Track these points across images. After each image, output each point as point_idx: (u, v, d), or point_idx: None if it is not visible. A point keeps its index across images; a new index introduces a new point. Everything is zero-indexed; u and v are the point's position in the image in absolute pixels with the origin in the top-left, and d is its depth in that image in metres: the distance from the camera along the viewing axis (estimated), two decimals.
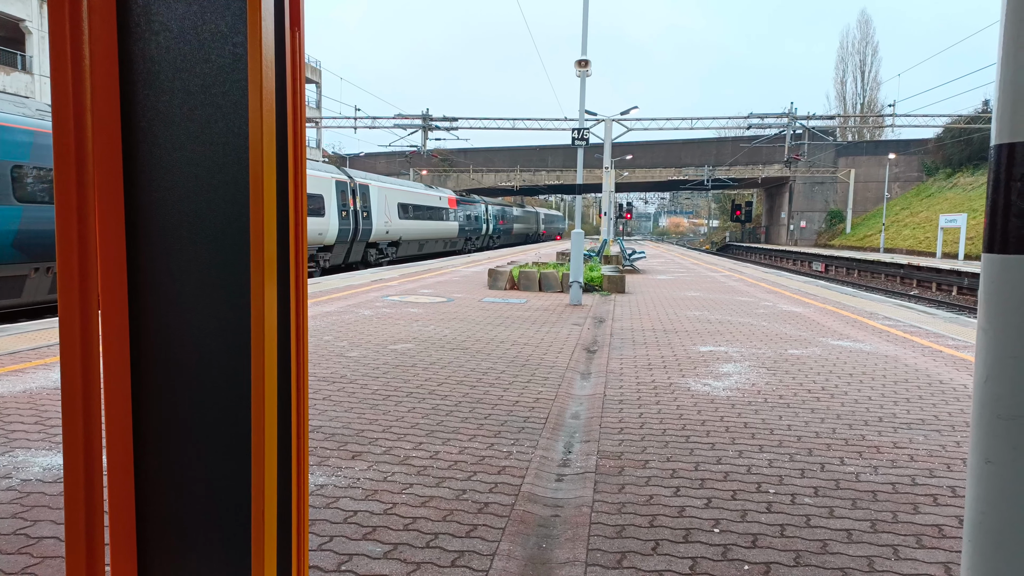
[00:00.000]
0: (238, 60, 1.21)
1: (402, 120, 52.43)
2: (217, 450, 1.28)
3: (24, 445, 3.80)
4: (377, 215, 25.46)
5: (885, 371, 6.28)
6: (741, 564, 2.65)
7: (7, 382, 5.21)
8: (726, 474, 3.60)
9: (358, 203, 23.65)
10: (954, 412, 4.92)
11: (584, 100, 12.59)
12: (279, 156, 1.25)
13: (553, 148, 62.86)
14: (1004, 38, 1.30)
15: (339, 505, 3.11)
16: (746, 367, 6.35)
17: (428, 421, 4.45)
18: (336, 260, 22.69)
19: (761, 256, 53.49)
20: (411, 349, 6.93)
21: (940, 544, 2.84)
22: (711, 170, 58.38)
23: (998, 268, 1.33)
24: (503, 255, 29.29)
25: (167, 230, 1.26)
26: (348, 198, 22.93)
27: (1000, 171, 1.32)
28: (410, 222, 29.09)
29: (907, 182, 53.06)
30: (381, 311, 9.86)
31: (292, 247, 1.30)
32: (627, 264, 21.59)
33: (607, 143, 29.21)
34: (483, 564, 2.61)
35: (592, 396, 5.30)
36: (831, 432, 4.36)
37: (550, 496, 3.34)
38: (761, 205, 69.46)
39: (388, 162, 62.62)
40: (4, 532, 2.77)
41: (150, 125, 1.25)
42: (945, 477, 3.62)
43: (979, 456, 1.36)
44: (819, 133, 55.90)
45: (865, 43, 67.56)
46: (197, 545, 1.30)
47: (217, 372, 1.27)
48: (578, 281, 11.66)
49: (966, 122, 46.78)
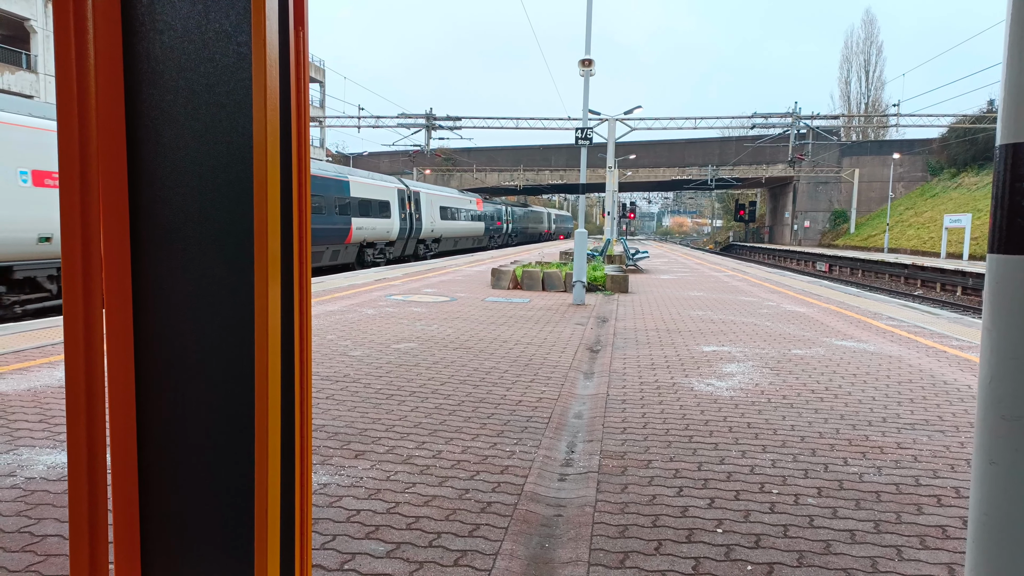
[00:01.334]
0: (242, 59, 1.21)
1: (406, 119, 52.50)
2: (221, 448, 1.28)
3: (28, 443, 3.81)
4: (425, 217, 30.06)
5: (889, 371, 6.26)
6: (744, 564, 2.64)
7: (12, 380, 5.23)
8: (729, 474, 3.60)
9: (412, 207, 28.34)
10: (958, 413, 4.90)
11: (588, 99, 12.57)
12: (283, 155, 1.25)
13: (556, 147, 62.84)
14: (1009, 39, 1.30)
15: (342, 504, 3.12)
16: (749, 367, 6.34)
17: (431, 420, 4.45)
18: (396, 253, 27.01)
19: (765, 256, 53.40)
20: (414, 348, 6.93)
21: (944, 545, 2.84)
22: (715, 170, 58.29)
23: (1003, 268, 1.33)
24: (505, 254, 29.34)
25: (171, 229, 1.26)
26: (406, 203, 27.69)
27: (1005, 171, 1.31)
28: (448, 222, 33.91)
29: (911, 182, 52.92)
30: (384, 310, 9.87)
31: (296, 246, 1.30)
32: (630, 264, 21.57)
33: (610, 142, 29.18)
34: (486, 564, 2.61)
35: (595, 396, 5.30)
36: (835, 432, 4.35)
37: (553, 496, 3.34)
38: (765, 205, 69.34)
39: (391, 161, 62.65)
40: (8, 530, 2.77)
41: (154, 124, 1.25)
42: (949, 478, 3.61)
43: (983, 457, 1.36)
44: (823, 133, 55.80)
45: (869, 43, 67.40)
46: (201, 543, 1.30)
47: (221, 371, 1.27)
48: (581, 280, 11.65)
49: (971, 122, 46.64)
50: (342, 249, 22.13)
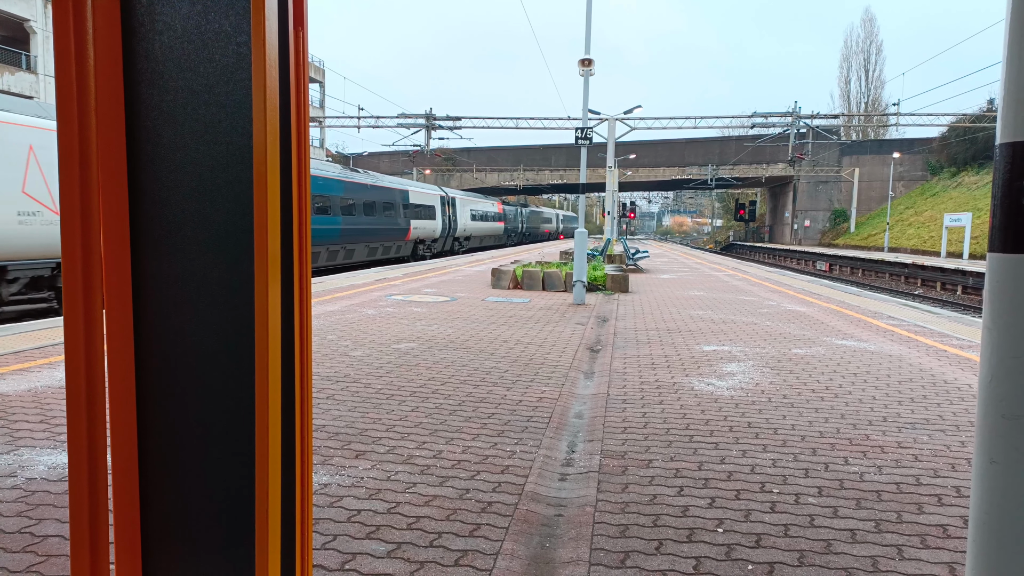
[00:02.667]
0: (242, 60, 1.21)
1: (405, 119, 52.47)
2: (221, 449, 1.28)
3: (29, 444, 3.81)
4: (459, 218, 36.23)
5: (889, 371, 6.26)
6: (745, 564, 2.64)
7: (12, 381, 5.23)
8: (730, 474, 3.60)
9: (449, 210, 34.59)
10: (959, 412, 4.90)
11: (587, 99, 12.56)
12: (283, 155, 1.25)
13: (556, 147, 62.83)
14: (1009, 38, 1.30)
15: (343, 504, 3.12)
16: (750, 366, 6.34)
17: (431, 420, 4.45)
18: (438, 248, 33.28)
19: (765, 255, 53.41)
20: (414, 348, 6.93)
21: (945, 544, 2.84)
22: (715, 169, 58.30)
23: (1003, 267, 1.33)
24: (505, 254, 29.35)
25: (171, 229, 1.26)
26: (446, 207, 33.90)
27: (1005, 170, 1.31)
28: (477, 223, 40.40)
29: (911, 181, 52.92)
30: (385, 310, 9.87)
31: (296, 246, 1.30)
32: (630, 263, 21.57)
33: (610, 142, 29.18)
34: (487, 563, 2.61)
35: (595, 395, 5.29)
36: (835, 432, 4.35)
37: (553, 495, 3.34)
38: (765, 204, 69.35)
39: (391, 161, 62.65)
40: (9, 530, 2.78)
41: (154, 125, 1.25)
42: (950, 477, 3.61)
43: (984, 456, 1.36)
44: (823, 132, 55.77)
45: (869, 42, 67.38)
46: (201, 543, 1.30)
47: (221, 371, 1.27)
48: (581, 280, 11.65)
49: (971, 121, 46.63)
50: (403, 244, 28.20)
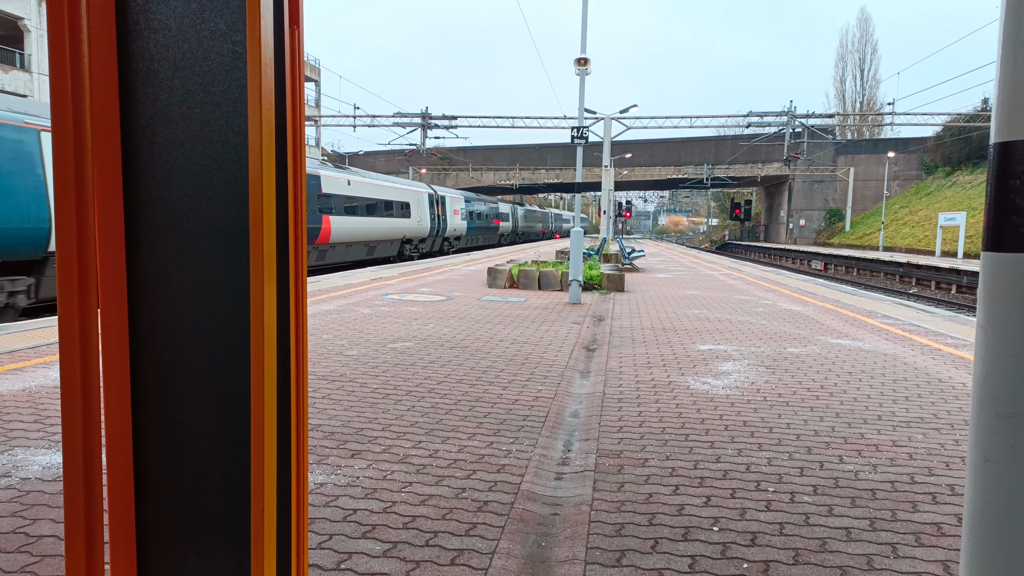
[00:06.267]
0: (237, 58, 1.21)
1: (401, 119, 52.45)
2: (217, 448, 1.28)
3: (23, 444, 3.80)
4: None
5: (884, 369, 6.28)
6: (740, 562, 2.65)
7: (6, 381, 5.21)
8: (725, 472, 3.61)
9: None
10: (953, 410, 4.92)
11: (583, 98, 12.57)
12: (278, 154, 1.25)
13: (552, 146, 62.88)
14: (1003, 37, 1.30)
15: (338, 503, 3.11)
16: (745, 365, 6.35)
17: (427, 419, 4.45)
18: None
19: (760, 254, 53.53)
20: (410, 347, 6.93)
21: (939, 542, 2.85)
22: (710, 168, 58.41)
23: (997, 266, 1.33)
24: (501, 253, 29.34)
25: (166, 228, 1.26)
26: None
27: (999, 169, 1.32)
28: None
29: (906, 180, 53.09)
30: (380, 310, 9.86)
31: (291, 245, 1.30)
32: (626, 262, 21.59)
33: (606, 141, 29.20)
34: (482, 562, 2.61)
35: (591, 394, 5.30)
36: (830, 430, 4.36)
37: (549, 494, 3.34)
38: (760, 203, 69.49)
39: (387, 160, 62.58)
40: (3, 530, 2.77)
41: (149, 123, 1.25)
42: (944, 475, 3.63)
43: (978, 454, 1.37)
44: (818, 131, 55.93)
45: (864, 41, 67.61)
46: (197, 543, 1.30)
47: (217, 370, 1.27)
48: (577, 279, 11.65)
49: (965, 120, 46.80)
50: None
